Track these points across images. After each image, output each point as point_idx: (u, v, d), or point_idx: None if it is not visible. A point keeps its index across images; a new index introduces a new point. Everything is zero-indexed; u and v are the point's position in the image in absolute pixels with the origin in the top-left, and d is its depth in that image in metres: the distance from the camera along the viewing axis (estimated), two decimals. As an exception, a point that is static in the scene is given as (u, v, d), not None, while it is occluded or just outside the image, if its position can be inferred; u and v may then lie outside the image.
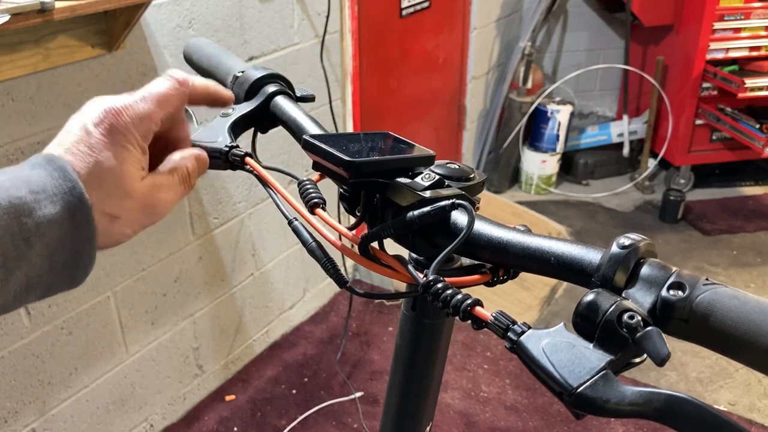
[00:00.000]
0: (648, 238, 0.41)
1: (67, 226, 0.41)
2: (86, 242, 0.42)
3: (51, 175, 0.41)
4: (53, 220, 0.40)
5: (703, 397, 2.09)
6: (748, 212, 3.15)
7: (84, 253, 0.43)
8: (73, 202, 0.41)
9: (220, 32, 1.76)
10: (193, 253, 1.87)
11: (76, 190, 0.41)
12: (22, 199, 0.39)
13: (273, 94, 0.63)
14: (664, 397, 0.34)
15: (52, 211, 0.40)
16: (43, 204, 0.40)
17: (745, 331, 0.35)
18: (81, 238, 0.42)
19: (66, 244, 0.41)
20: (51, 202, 0.40)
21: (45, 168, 0.41)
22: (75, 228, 0.41)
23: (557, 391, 0.37)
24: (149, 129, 0.46)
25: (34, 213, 0.39)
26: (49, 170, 0.41)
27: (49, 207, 0.40)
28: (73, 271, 0.43)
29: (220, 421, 1.96)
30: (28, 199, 0.39)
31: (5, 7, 1.11)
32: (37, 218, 0.39)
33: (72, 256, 0.42)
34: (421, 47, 2.73)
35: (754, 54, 2.96)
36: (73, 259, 0.42)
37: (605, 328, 0.37)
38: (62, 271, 0.42)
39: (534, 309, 2.48)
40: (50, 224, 0.40)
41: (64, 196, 0.41)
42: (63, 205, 0.40)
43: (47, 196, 0.40)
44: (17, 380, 1.51)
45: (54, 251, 0.41)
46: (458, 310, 0.42)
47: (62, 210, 0.40)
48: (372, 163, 0.48)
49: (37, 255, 0.40)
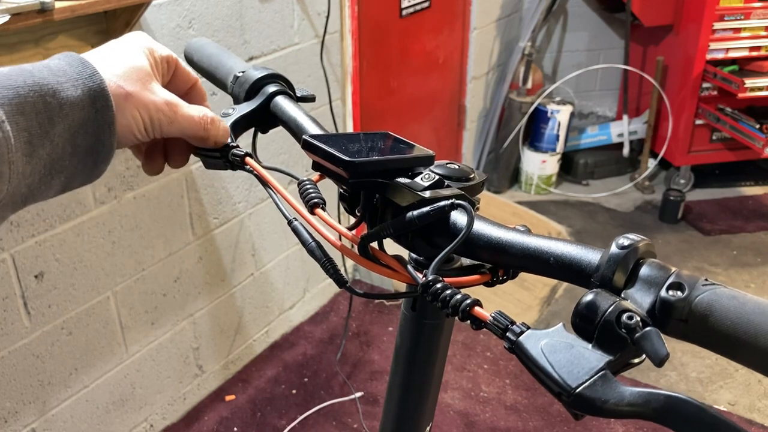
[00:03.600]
0: (647, 238, 0.41)
1: (88, 110, 0.44)
2: (106, 127, 0.45)
3: (71, 64, 0.44)
4: (75, 103, 0.43)
5: (703, 398, 2.09)
6: (748, 212, 3.15)
7: (104, 139, 0.46)
8: (93, 88, 0.44)
9: (220, 32, 1.76)
10: (193, 253, 1.87)
11: (95, 77, 0.45)
12: (46, 80, 0.42)
13: (273, 94, 0.63)
14: (663, 397, 0.34)
15: (74, 94, 0.43)
16: (65, 87, 0.43)
17: (744, 331, 0.35)
18: (101, 122, 0.45)
19: (87, 128, 0.44)
20: (73, 86, 0.43)
21: (64, 59, 0.45)
22: (96, 112, 0.44)
23: (556, 391, 0.37)
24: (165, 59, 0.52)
25: (58, 94, 0.42)
26: (68, 60, 0.45)
27: (71, 90, 0.43)
28: (95, 157, 0.46)
29: (220, 421, 1.96)
30: (51, 81, 0.42)
31: (5, 7, 1.11)
32: (61, 99, 0.42)
33: (93, 141, 0.45)
34: (421, 47, 2.73)
35: (754, 54, 2.96)
36: (94, 144, 0.45)
37: (604, 328, 0.37)
38: (84, 158, 0.45)
39: (534, 309, 2.48)
40: (72, 107, 0.43)
41: (85, 81, 0.44)
42: (84, 90, 0.44)
43: (69, 80, 0.43)
44: (17, 380, 1.51)
45: (76, 134, 0.44)
46: (457, 310, 0.42)
47: (83, 94, 0.44)
48: (371, 163, 0.48)
49: (59, 136, 0.42)
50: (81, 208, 1.54)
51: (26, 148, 0.40)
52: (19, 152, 0.40)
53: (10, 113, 0.39)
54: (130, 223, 1.66)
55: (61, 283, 1.54)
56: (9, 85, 0.40)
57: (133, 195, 1.65)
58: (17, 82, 0.40)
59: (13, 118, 0.39)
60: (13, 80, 0.40)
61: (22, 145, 0.40)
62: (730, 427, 0.33)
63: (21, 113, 0.40)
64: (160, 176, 1.71)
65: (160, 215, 1.74)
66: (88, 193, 1.55)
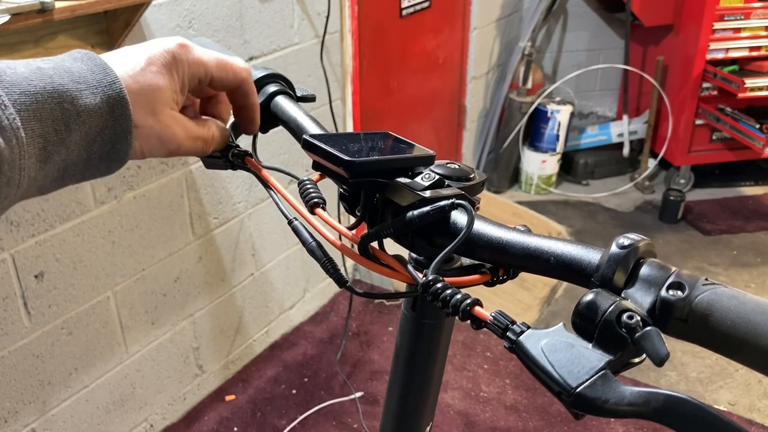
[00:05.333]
0: (647, 238, 0.41)
1: (106, 118, 0.43)
2: (123, 136, 0.45)
3: (92, 70, 0.43)
4: (93, 110, 0.42)
5: (703, 397, 2.09)
6: (748, 212, 3.15)
7: (120, 147, 0.45)
8: (113, 96, 0.43)
9: (220, 32, 1.76)
10: (193, 253, 1.87)
11: (115, 85, 0.44)
12: (65, 86, 0.41)
13: (273, 94, 0.63)
14: (663, 397, 0.34)
15: (92, 102, 0.42)
16: (84, 94, 0.42)
17: (744, 331, 0.35)
18: (118, 130, 0.44)
19: (104, 136, 0.44)
20: (92, 93, 0.42)
21: (85, 62, 0.44)
22: (113, 120, 0.44)
23: (556, 390, 0.37)
24: (197, 75, 0.49)
25: (76, 101, 0.42)
26: (89, 65, 0.44)
27: (90, 97, 0.42)
28: (109, 163, 0.46)
29: (220, 421, 1.96)
30: (71, 87, 0.42)
31: (5, 7, 1.11)
32: (79, 106, 0.42)
33: (109, 148, 0.45)
34: (421, 47, 2.73)
35: (754, 54, 2.96)
36: (109, 151, 0.45)
37: (604, 328, 0.37)
38: (98, 163, 0.45)
39: (534, 309, 2.48)
40: (90, 114, 0.42)
41: (104, 89, 0.43)
42: (103, 98, 0.43)
43: (88, 86, 0.42)
44: (17, 380, 1.51)
45: (92, 141, 0.43)
46: (457, 310, 0.42)
47: (102, 102, 0.43)
48: (371, 163, 0.48)
49: (75, 143, 0.42)
50: (81, 208, 1.54)
51: (41, 154, 0.40)
52: (33, 158, 0.40)
53: (27, 119, 0.39)
54: (130, 223, 1.66)
55: (61, 283, 1.54)
56: (28, 90, 0.39)
57: (133, 195, 1.65)
58: (36, 87, 0.40)
59: (29, 124, 0.39)
60: (32, 85, 0.40)
61: (37, 151, 0.40)
62: (730, 426, 0.33)
63: (38, 119, 0.40)
64: (160, 176, 1.71)
65: (160, 215, 1.74)
66: (88, 193, 1.55)
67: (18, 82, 0.39)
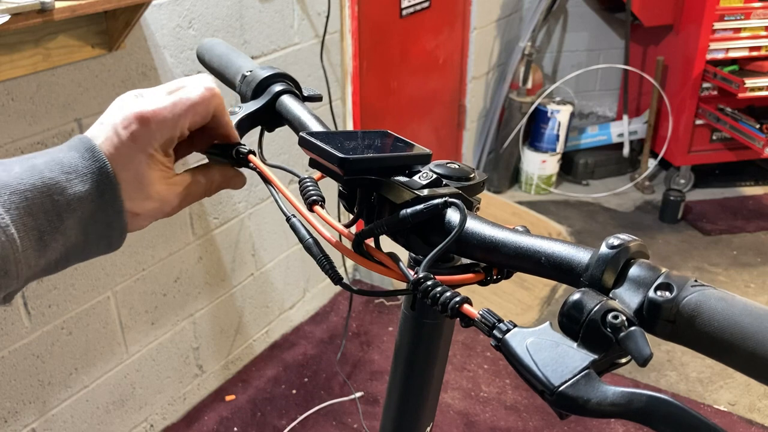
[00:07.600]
0: (639, 238, 0.41)
1: (97, 203, 0.45)
2: (116, 216, 0.47)
3: (83, 156, 0.45)
4: (83, 197, 0.44)
5: (703, 398, 2.09)
6: (748, 212, 3.15)
7: (115, 226, 0.47)
8: (102, 181, 0.45)
9: (220, 32, 1.77)
10: (193, 253, 1.88)
11: (104, 169, 0.45)
12: (54, 179, 0.43)
13: (279, 93, 0.63)
14: (646, 398, 0.34)
15: (82, 189, 0.44)
16: (74, 183, 0.44)
17: (731, 333, 0.35)
18: (110, 212, 0.46)
19: (97, 218, 0.46)
20: (81, 181, 0.44)
21: (78, 149, 0.45)
22: (104, 204, 0.46)
23: (539, 389, 0.37)
24: (173, 136, 0.49)
25: (66, 191, 0.44)
26: (81, 151, 0.45)
27: (80, 186, 0.44)
28: (108, 240, 0.48)
29: (220, 421, 1.97)
30: (61, 179, 0.44)
31: (5, 7, 1.12)
32: (69, 196, 0.44)
33: (104, 228, 0.47)
34: (421, 47, 2.73)
35: (754, 54, 2.96)
36: (105, 231, 0.47)
37: (589, 327, 0.37)
38: (98, 242, 0.47)
39: (534, 309, 2.48)
40: (81, 201, 0.44)
41: (93, 175, 0.45)
42: (92, 184, 0.45)
43: (78, 175, 0.44)
44: (17, 380, 1.51)
45: (87, 225, 0.45)
46: (447, 308, 0.42)
47: (92, 188, 0.45)
48: (366, 161, 0.48)
49: (70, 229, 0.44)
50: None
51: (37, 245, 0.42)
52: (29, 250, 0.42)
53: (18, 216, 0.41)
54: (130, 223, 1.66)
55: (61, 283, 1.54)
56: (18, 190, 0.42)
57: (133, 195, 1.65)
58: (26, 185, 0.42)
59: (21, 220, 0.41)
60: (23, 184, 0.42)
61: (33, 242, 0.42)
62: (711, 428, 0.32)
63: (29, 215, 0.42)
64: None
65: (160, 215, 1.74)
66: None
67: (9, 183, 0.42)
